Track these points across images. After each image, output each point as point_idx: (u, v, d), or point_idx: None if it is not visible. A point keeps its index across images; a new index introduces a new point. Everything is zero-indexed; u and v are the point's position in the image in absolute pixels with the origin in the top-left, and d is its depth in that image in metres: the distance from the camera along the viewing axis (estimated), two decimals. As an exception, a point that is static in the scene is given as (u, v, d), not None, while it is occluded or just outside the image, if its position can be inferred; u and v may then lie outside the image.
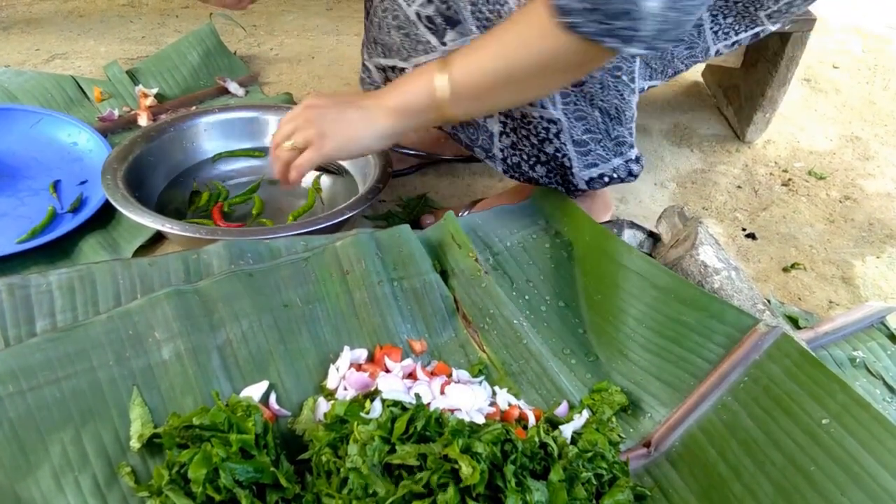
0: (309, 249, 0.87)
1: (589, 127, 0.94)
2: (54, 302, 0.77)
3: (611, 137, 0.96)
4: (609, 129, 0.95)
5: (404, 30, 0.93)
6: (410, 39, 0.94)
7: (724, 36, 0.99)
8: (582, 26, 0.70)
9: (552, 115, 0.93)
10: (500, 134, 1.00)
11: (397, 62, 0.99)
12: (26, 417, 0.66)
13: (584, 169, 1.00)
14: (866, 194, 1.43)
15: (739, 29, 0.99)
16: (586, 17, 0.69)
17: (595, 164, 0.99)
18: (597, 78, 0.89)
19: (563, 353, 0.87)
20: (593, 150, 0.97)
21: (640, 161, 1.02)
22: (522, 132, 0.98)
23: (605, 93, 0.91)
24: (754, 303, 0.90)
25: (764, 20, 0.98)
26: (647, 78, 1.00)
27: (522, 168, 1.03)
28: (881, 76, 1.89)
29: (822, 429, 0.70)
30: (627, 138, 0.98)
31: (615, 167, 1.00)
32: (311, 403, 0.74)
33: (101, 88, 1.42)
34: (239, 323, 0.77)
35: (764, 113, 1.49)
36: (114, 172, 1.06)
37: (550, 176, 1.03)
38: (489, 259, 0.95)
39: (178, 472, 0.62)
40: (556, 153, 0.98)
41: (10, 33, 1.75)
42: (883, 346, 0.97)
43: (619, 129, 0.96)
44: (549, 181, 1.04)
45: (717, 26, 0.97)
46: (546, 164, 1.01)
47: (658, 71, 1.00)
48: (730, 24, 0.97)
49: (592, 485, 0.69)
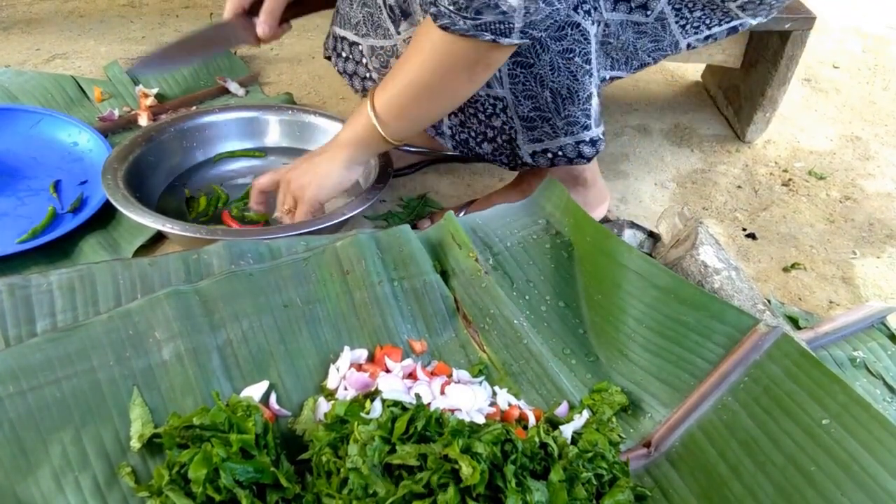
0: (309, 249, 0.87)
1: (538, 105, 0.96)
2: (55, 302, 0.77)
3: (561, 116, 0.97)
4: (559, 109, 0.96)
5: (369, 9, 1.00)
6: (373, 21, 1.00)
7: (695, 30, 0.98)
8: (455, 25, 0.78)
9: (498, 93, 0.96)
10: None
11: (352, 36, 1.05)
12: (26, 418, 0.66)
13: (528, 143, 1.01)
14: (866, 194, 1.43)
15: (711, 23, 0.98)
16: (455, 18, 0.78)
17: (540, 140, 1.01)
18: (546, 60, 0.90)
19: (563, 354, 0.87)
20: (539, 127, 0.99)
21: (597, 144, 1.02)
22: (470, 110, 1.01)
23: (556, 74, 0.92)
24: (754, 303, 0.90)
25: (738, 13, 0.97)
26: (609, 68, 1.00)
27: (470, 144, 1.06)
28: (881, 76, 1.89)
29: (822, 429, 0.70)
30: (581, 119, 0.98)
31: (562, 145, 1.01)
32: (311, 403, 0.74)
33: (101, 88, 1.42)
34: (239, 323, 0.77)
35: (764, 113, 1.49)
36: (114, 172, 1.06)
37: (496, 153, 1.06)
38: (489, 259, 0.95)
39: (178, 473, 0.62)
40: (503, 126, 1.01)
41: (10, 33, 1.75)
42: (883, 346, 0.97)
43: (570, 109, 0.96)
44: (496, 158, 1.07)
45: (683, 20, 0.96)
46: (493, 141, 1.04)
47: (620, 62, 0.99)
48: (699, 18, 0.96)
49: (593, 485, 0.69)
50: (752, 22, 0.99)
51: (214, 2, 2.03)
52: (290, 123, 1.28)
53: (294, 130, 1.27)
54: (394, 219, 1.21)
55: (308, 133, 1.28)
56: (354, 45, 1.05)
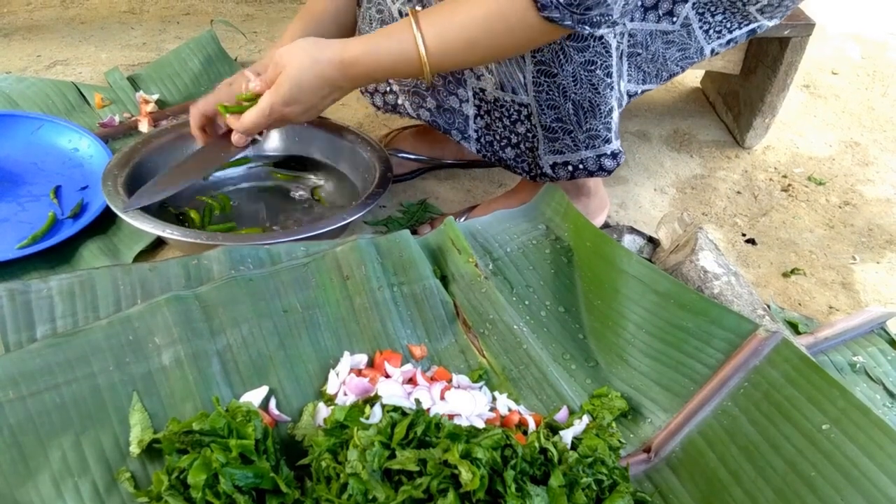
0: (309, 255, 0.87)
1: (560, 116, 0.96)
2: (55, 307, 0.77)
3: (583, 129, 0.97)
4: (581, 122, 0.97)
5: (387, 24, 0.98)
6: None
7: (717, 34, 0.99)
8: (563, 20, 0.80)
9: (523, 100, 0.96)
10: (474, 116, 1.04)
11: None
12: (26, 423, 0.66)
13: (549, 154, 1.02)
14: (866, 200, 1.44)
15: (732, 26, 0.99)
16: (563, 12, 0.79)
17: (561, 152, 1.01)
18: (569, 71, 0.91)
19: (563, 359, 0.87)
20: (561, 139, 0.99)
21: (618, 157, 1.02)
22: (496, 114, 1.01)
23: (578, 86, 0.93)
24: (754, 308, 0.90)
25: (756, 15, 0.98)
26: (641, 82, 1.01)
27: (494, 147, 1.07)
28: (880, 82, 1.89)
29: (822, 434, 0.70)
30: (602, 132, 0.99)
31: (583, 158, 1.01)
32: (311, 409, 0.74)
33: (102, 94, 1.42)
34: (239, 328, 0.77)
35: (763, 119, 1.50)
36: (114, 178, 1.06)
37: (519, 159, 1.06)
38: (489, 264, 0.95)
39: (177, 478, 0.62)
40: (527, 133, 1.01)
41: (11, 40, 1.76)
42: (883, 351, 0.97)
43: (592, 122, 0.97)
44: (518, 164, 1.07)
45: (706, 24, 0.97)
46: (516, 147, 1.04)
47: (652, 74, 1.01)
48: (720, 22, 0.98)
49: (593, 490, 0.68)
50: (769, 24, 1.00)
51: (215, 8, 2.04)
52: (289, 130, 1.28)
53: (293, 137, 1.28)
54: (394, 224, 1.21)
55: (307, 139, 1.28)
56: None
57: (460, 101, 1.03)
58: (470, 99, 1.02)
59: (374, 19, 1.01)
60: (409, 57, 0.85)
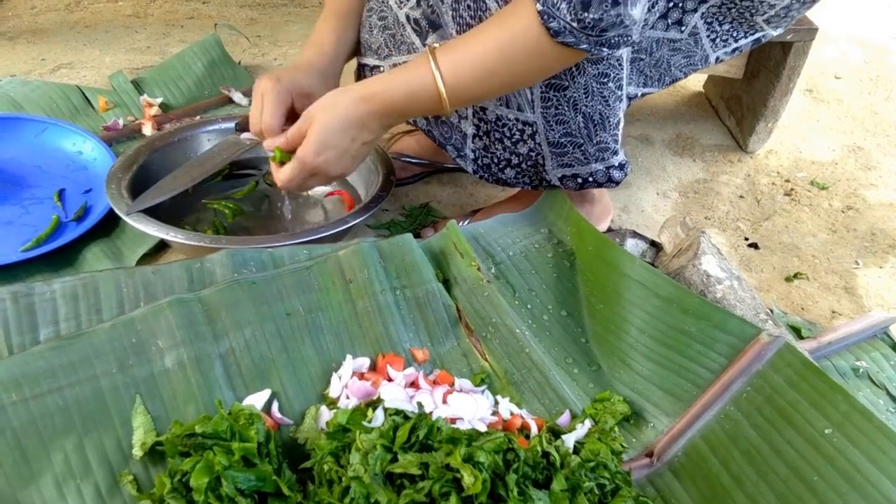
0: (312, 258, 0.88)
1: (569, 130, 0.95)
2: (58, 310, 0.77)
3: (593, 142, 0.97)
4: (591, 135, 0.96)
5: (390, 30, 0.98)
6: (395, 40, 0.98)
7: (723, 43, 0.99)
8: (578, 44, 0.78)
9: (528, 118, 0.95)
10: (472, 136, 1.02)
11: (373, 61, 1.03)
12: (29, 425, 0.66)
13: (557, 168, 1.01)
14: (869, 204, 1.43)
15: (738, 35, 0.99)
16: (579, 36, 0.77)
17: (570, 165, 1.00)
18: (581, 83, 0.90)
19: (565, 363, 0.87)
20: (570, 153, 0.98)
21: (625, 168, 1.02)
22: (496, 135, 1.00)
23: (590, 98, 0.92)
24: (757, 312, 0.90)
25: (763, 25, 0.98)
26: (642, 85, 1.00)
27: (492, 170, 1.05)
28: (883, 86, 1.89)
29: (824, 439, 0.70)
30: (611, 144, 0.98)
31: (593, 171, 1.00)
32: (313, 412, 0.74)
33: (105, 98, 1.43)
34: (242, 331, 0.77)
35: (766, 123, 1.50)
36: (118, 181, 1.06)
37: (519, 177, 1.05)
38: (491, 268, 0.95)
39: (180, 481, 0.62)
40: (529, 153, 1.00)
41: (16, 43, 1.77)
42: (886, 356, 0.97)
43: (602, 135, 0.96)
44: (517, 181, 1.05)
45: (713, 33, 0.97)
46: (516, 167, 1.03)
47: (654, 78, 1.00)
48: (727, 31, 0.98)
49: (595, 494, 0.68)
50: (774, 33, 1.00)
51: (219, 12, 2.05)
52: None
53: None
54: (396, 228, 1.21)
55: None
56: (376, 68, 1.04)
57: (459, 117, 1.01)
58: (469, 117, 1.00)
59: (374, 26, 1.00)
60: (428, 91, 0.85)
